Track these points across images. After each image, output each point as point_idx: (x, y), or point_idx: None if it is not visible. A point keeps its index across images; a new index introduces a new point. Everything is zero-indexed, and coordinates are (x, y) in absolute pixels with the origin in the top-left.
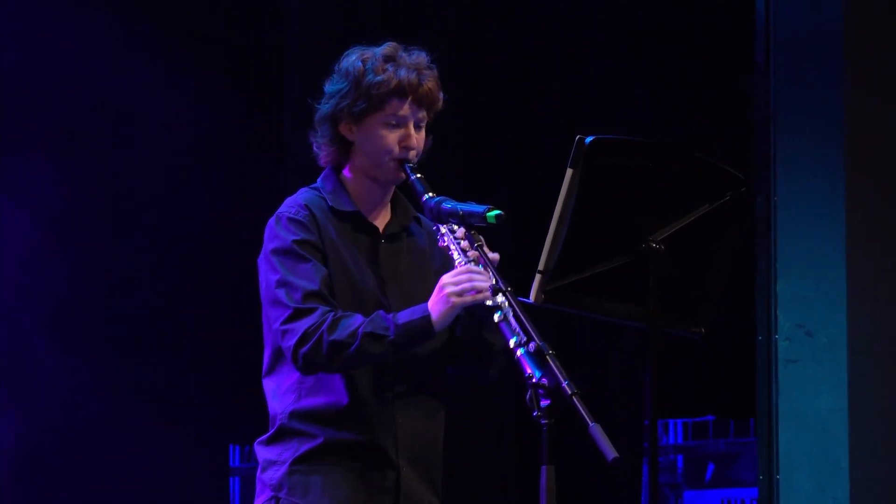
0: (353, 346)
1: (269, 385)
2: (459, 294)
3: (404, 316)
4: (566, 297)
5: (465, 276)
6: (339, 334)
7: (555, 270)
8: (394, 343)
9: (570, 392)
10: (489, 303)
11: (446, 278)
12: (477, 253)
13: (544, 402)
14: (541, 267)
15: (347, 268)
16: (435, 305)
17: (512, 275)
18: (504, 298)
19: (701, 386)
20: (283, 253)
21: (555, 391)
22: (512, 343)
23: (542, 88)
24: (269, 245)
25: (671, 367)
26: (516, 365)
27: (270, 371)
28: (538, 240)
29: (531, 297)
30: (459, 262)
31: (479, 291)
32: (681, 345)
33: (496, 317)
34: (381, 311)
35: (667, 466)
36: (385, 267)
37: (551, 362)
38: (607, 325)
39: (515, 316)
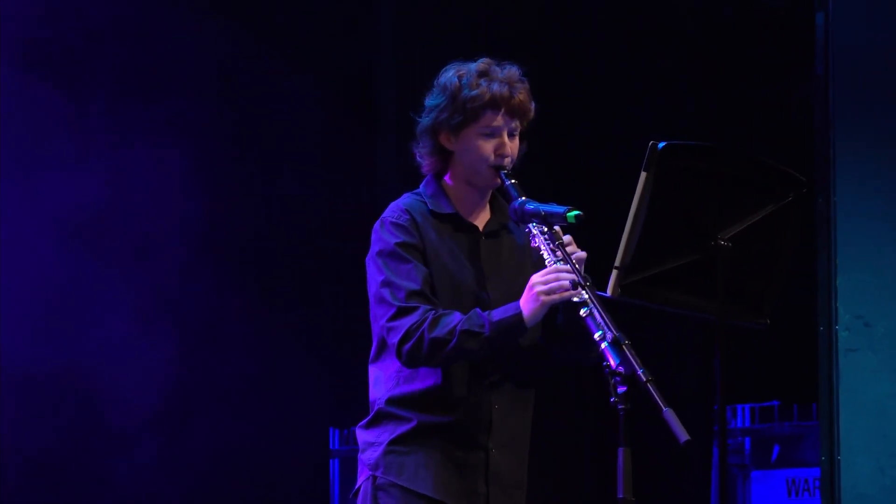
0: (452, 343)
1: (373, 371)
2: (548, 293)
3: (498, 314)
4: (640, 290)
5: (552, 276)
6: (439, 332)
7: (630, 266)
8: (489, 339)
9: (644, 379)
10: (576, 299)
11: (536, 278)
12: (569, 248)
13: (621, 389)
14: (617, 263)
15: (446, 266)
16: (526, 303)
17: (590, 270)
18: (588, 295)
19: (766, 373)
20: (388, 255)
21: (631, 378)
22: (597, 336)
23: (618, 99)
24: (374, 247)
25: (738, 356)
26: (600, 355)
27: (376, 359)
28: (615, 238)
29: (608, 291)
30: (549, 262)
31: (565, 290)
32: (747, 335)
33: (582, 312)
34: (477, 309)
35: (735, 448)
36: (487, 262)
37: (627, 351)
38: (679, 317)
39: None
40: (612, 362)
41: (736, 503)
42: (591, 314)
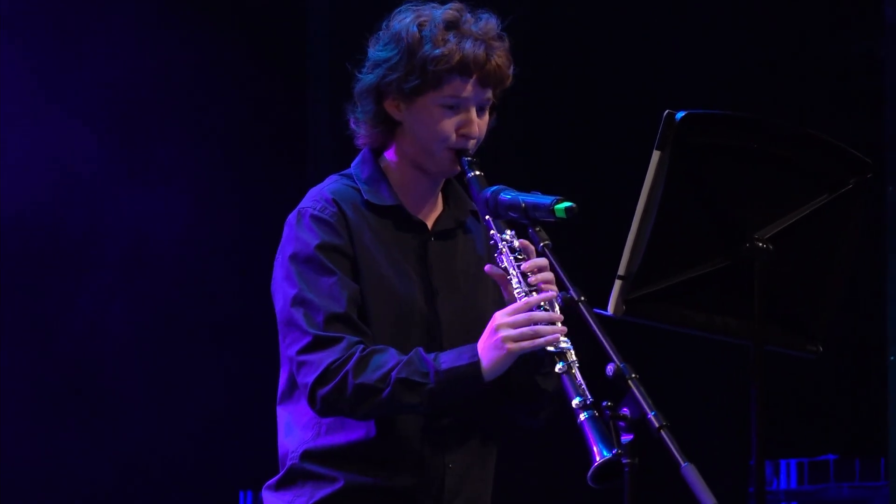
0: (384, 394)
1: (283, 415)
2: (517, 339)
3: (448, 360)
4: (651, 307)
5: (524, 318)
6: (368, 377)
7: (637, 276)
8: (432, 393)
9: (657, 425)
10: (551, 349)
11: (502, 317)
12: (542, 275)
13: (626, 438)
14: (621, 272)
15: (386, 275)
16: (486, 350)
17: (584, 282)
18: (569, 346)
19: (818, 417)
20: (304, 261)
21: (639, 424)
22: (575, 403)
23: (622, 57)
24: (287, 248)
25: (782, 394)
26: (579, 430)
27: (286, 398)
28: (618, 239)
29: (609, 309)
30: (519, 293)
31: (541, 337)
32: (793, 366)
33: (558, 367)
34: (420, 351)
35: None
36: (436, 271)
37: (634, 388)
38: (701, 343)
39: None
40: (594, 446)
41: None
42: (568, 371)
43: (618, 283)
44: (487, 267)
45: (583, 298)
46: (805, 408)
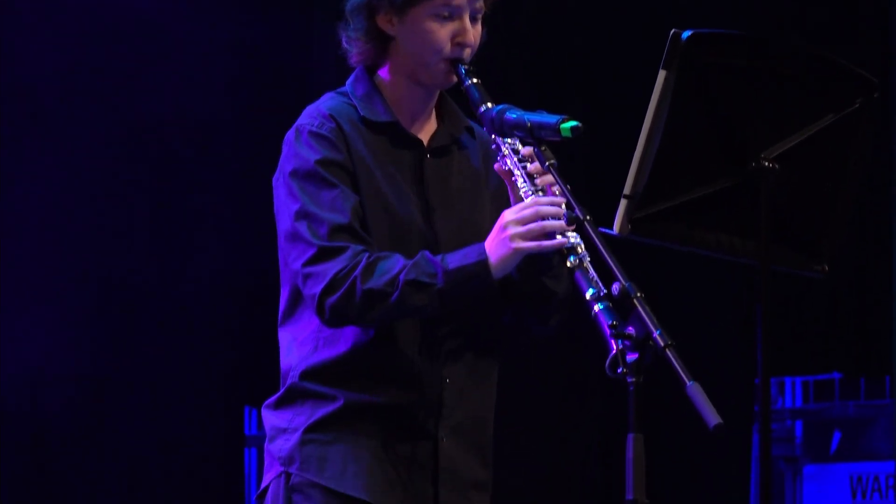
0: (393, 297)
1: (284, 336)
2: (525, 236)
3: (455, 259)
4: (657, 227)
5: (531, 213)
6: (376, 282)
7: (643, 195)
8: (441, 293)
9: (663, 344)
10: (560, 240)
11: (510, 215)
12: (548, 177)
13: (631, 357)
14: (626, 191)
15: (383, 192)
16: (494, 248)
17: (589, 202)
18: (579, 241)
19: (824, 336)
20: (305, 176)
21: (644, 343)
22: (589, 295)
23: None
24: (287, 165)
25: (787, 313)
26: (594, 322)
27: (287, 318)
28: (623, 159)
29: (615, 228)
30: (526, 193)
31: (549, 233)
32: (799, 286)
33: (569, 262)
34: (426, 253)
35: (782, 436)
36: (432, 188)
37: (640, 307)
38: (707, 263)
39: (594, 260)
40: (609, 333)
41: None
42: (580, 266)
43: (623, 203)
44: (497, 164)
45: (588, 217)
46: (810, 327)
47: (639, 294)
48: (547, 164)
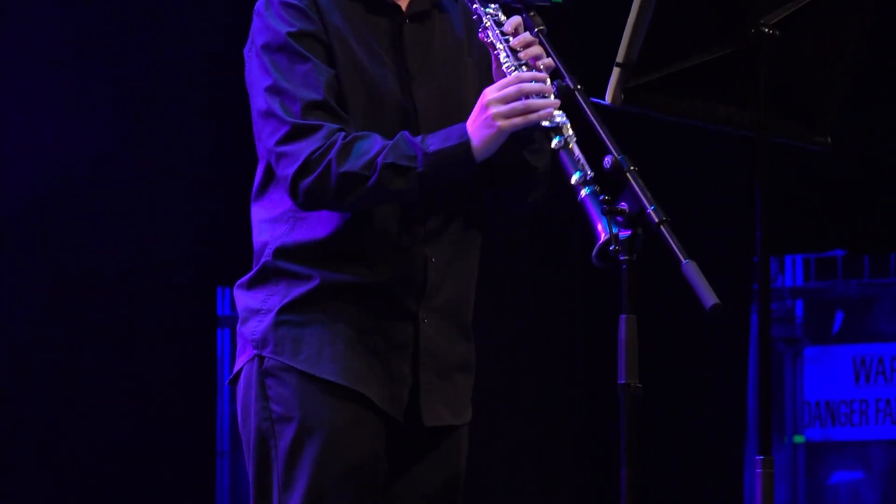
0: (371, 180)
1: (256, 212)
2: (508, 115)
3: (436, 141)
4: (651, 96)
5: (515, 91)
6: (352, 164)
7: (637, 63)
8: (421, 177)
9: (657, 220)
10: (546, 123)
11: (491, 92)
12: (534, 50)
13: (623, 234)
14: (619, 59)
15: (360, 63)
16: (476, 129)
17: (580, 70)
18: (565, 119)
19: (826, 211)
20: (277, 50)
21: (637, 219)
22: (574, 179)
23: None
24: (258, 38)
25: (787, 187)
26: (580, 207)
27: (261, 194)
28: (616, 25)
29: (607, 98)
30: (508, 68)
31: (534, 111)
32: (800, 159)
33: (554, 143)
34: (406, 134)
35: (782, 315)
36: (411, 56)
37: (633, 181)
38: (704, 135)
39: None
40: (596, 218)
41: (783, 391)
42: (566, 147)
43: (616, 71)
44: (480, 35)
45: (579, 87)
46: (811, 201)
47: (632, 167)
48: (536, 30)
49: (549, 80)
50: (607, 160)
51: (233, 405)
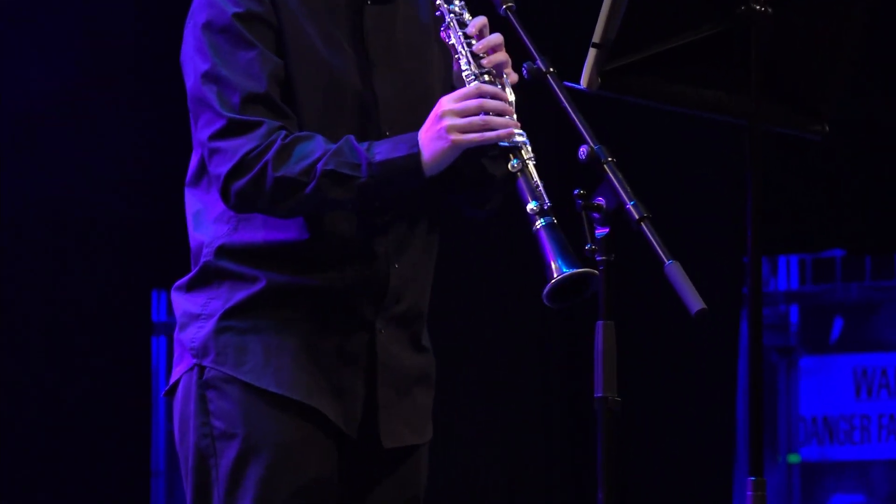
0: (308, 188)
1: (192, 201)
2: (464, 130)
3: (383, 150)
4: (632, 80)
5: (474, 106)
6: (290, 168)
7: (616, 43)
8: (364, 187)
9: (637, 216)
10: (504, 143)
11: (448, 103)
12: (498, 57)
13: (601, 231)
14: (596, 38)
15: (315, 49)
16: (428, 141)
17: (553, 51)
18: (525, 139)
19: (824, 208)
20: (219, 31)
21: (615, 215)
22: (530, 208)
23: None
24: (199, 15)
25: (781, 180)
26: (533, 239)
27: (196, 182)
28: (592, 2)
29: (582, 82)
30: (468, 77)
31: (492, 129)
32: (795, 148)
33: (511, 165)
34: (351, 139)
35: (775, 322)
36: (373, 42)
37: (611, 174)
38: (689, 123)
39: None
40: (552, 262)
41: (776, 405)
42: (524, 170)
43: (592, 52)
44: (442, 35)
45: (552, 70)
46: (808, 196)
47: (610, 159)
48: (504, 7)
49: (512, 96)
50: (583, 150)
51: (169, 420)
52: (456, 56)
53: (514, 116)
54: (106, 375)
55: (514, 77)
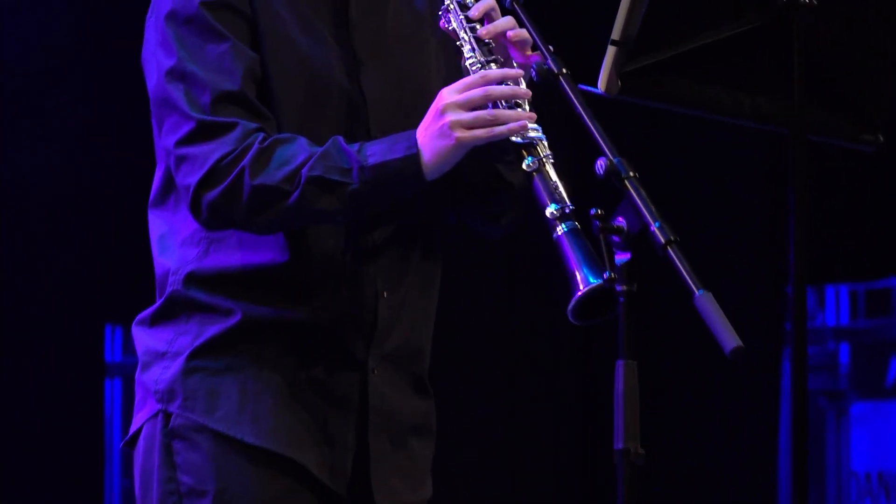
0: (292, 197)
1: (156, 223)
2: (469, 126)
3: (378, 151)
4: (655, 83)
5: (480, 95)
6: (270, 176)
7: (638, 40)
8: (355, 196)
9: (663, 240)
10: (517, 139)
11: (450, 95)
12: (512, 34)
13: (621, 258)
14: (615, 35)
15: (295, 43)
16: (429, 139)
17: (567, 50)
18: (541, 135)
19: (877, 231)
20: (185, 22)
21: (639, 238)
22: (549, 212)
23: None
24: (162, 5)
25: (829, 198)
26: (555, 247)
27: (163, 199)
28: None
29: (600, 85)
30: (473, 65)
31: (501, 124)
32: (844, 162)
33: (526, 164)
34: (339, 141)
35: (823, 362)
36: (360, 34)
37: (632, 191)
38: (722, 131)
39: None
40: (577, 271)
41: (824, 458)
42: (541, 170)
43: (611, 51)
44: (441, 22)
45: (565, 70)
46: (859, 218)
47: (631, 174)
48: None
49: (523, 82)
50: (600, 164)
51: (127, 475)
52: (459, 43)
53: (528, 107)
54: (53, 423)
55: (528, 63)
